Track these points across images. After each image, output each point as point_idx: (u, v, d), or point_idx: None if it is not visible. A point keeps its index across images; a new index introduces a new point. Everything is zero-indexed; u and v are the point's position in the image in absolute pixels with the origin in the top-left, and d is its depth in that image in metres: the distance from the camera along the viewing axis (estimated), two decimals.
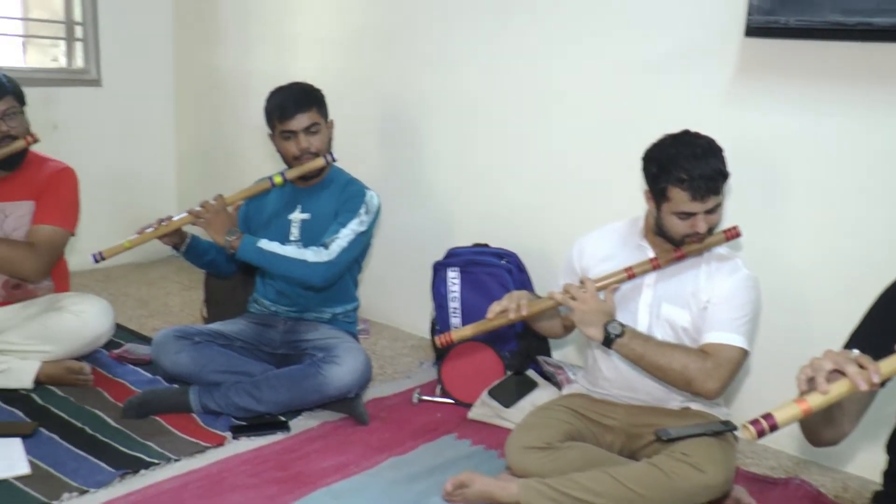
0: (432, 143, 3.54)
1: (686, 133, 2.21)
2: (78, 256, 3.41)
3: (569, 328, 2.49)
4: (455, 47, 3.40)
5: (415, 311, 3.64)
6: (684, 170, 2.11)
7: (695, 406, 2.31)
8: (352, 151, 3.34)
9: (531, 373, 2.95)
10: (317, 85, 2.91)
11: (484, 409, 2.80)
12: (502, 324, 2.22)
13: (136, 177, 4.70)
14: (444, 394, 2.96)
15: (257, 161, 4.19)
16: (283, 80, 2.91)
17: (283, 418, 2.72)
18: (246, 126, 4.33)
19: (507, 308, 2.19)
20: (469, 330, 2.23)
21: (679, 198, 2.14)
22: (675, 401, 2.33)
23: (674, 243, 2.24)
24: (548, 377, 2.96)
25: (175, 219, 2.77)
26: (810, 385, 1.40)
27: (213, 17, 4.46)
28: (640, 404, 2.36)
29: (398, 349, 3.50)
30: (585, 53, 3.03)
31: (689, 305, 2.24)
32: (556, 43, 3.11)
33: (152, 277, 4.42)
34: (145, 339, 3.41)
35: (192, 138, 4.81)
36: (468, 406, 2.85)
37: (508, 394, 2.82)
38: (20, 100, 2.91)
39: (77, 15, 4.40)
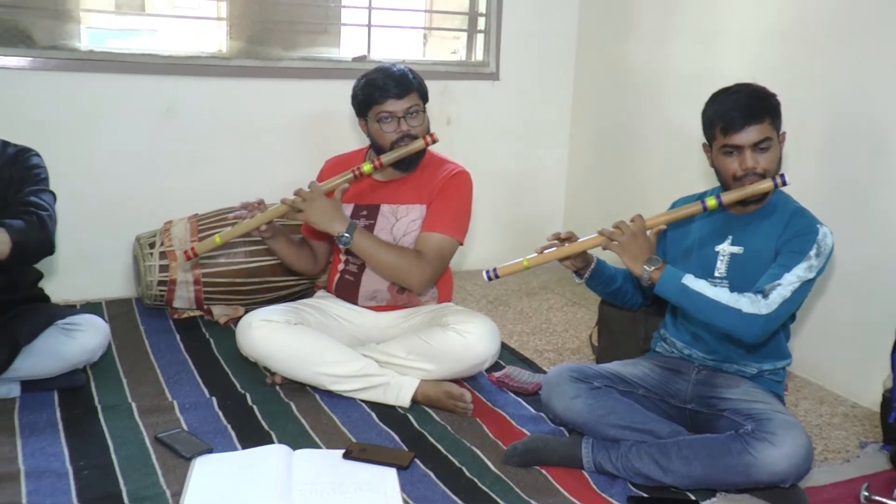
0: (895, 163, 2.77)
1: None
2: (458, 256, 3.16)
3: None
4: None
5: (849, 369, 2.94)
6: None
7: None
8: (787, 170, 2.70)
9: None
10: None
11: None
12: None
13: (524, 176, 4.46)
14: None
15: (664, 170, 3.70)
16: (705, 79, 2.41)
17: (691, 496, 2.21)
18: (653, 129, 3.86)
19: None
20: None
21: None
22: None
23: None
24: None
25: (582, 239, 2.36)
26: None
27: (625, 8, 4.02)
28: None
29: (826, 416, 2.80)
30: None
31: None
32: None
33: (533, 287, 4.13)
34: (527, 363, 3.12)
35: (588, 140, 4.40)
36: None
37: None
38: (424, 97, 2.73)
39: (481, 6, 4.26)
